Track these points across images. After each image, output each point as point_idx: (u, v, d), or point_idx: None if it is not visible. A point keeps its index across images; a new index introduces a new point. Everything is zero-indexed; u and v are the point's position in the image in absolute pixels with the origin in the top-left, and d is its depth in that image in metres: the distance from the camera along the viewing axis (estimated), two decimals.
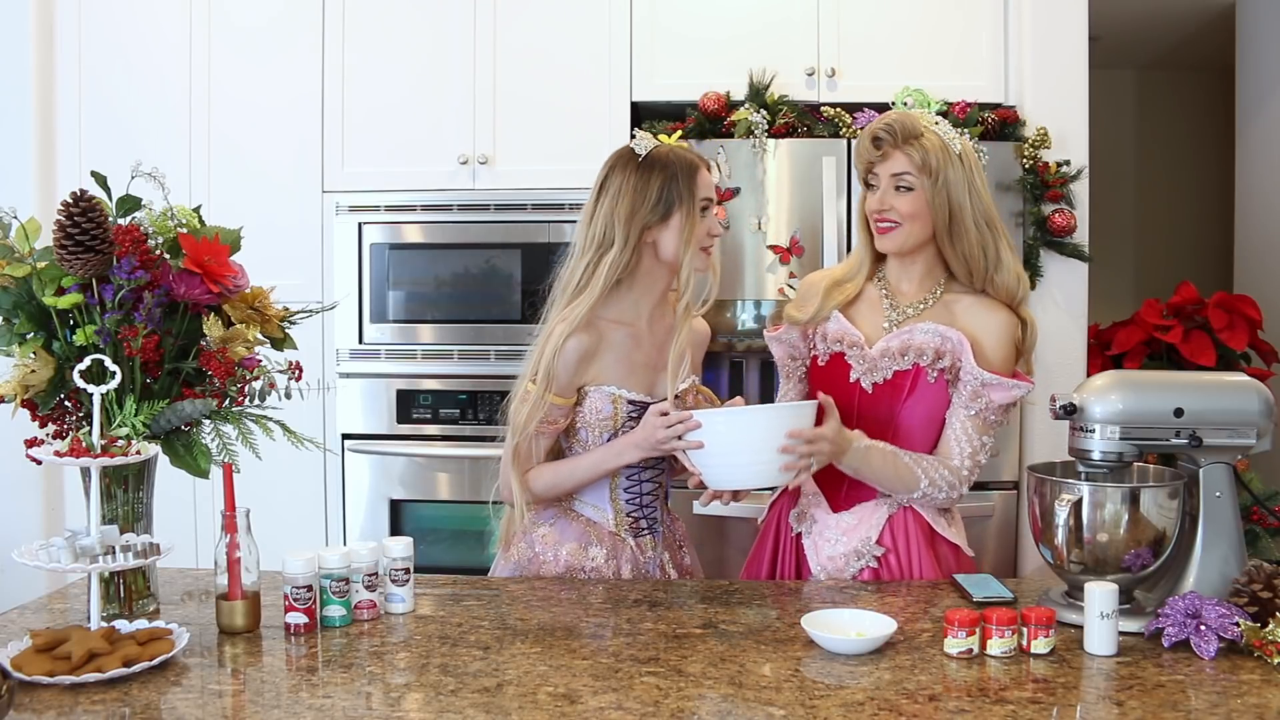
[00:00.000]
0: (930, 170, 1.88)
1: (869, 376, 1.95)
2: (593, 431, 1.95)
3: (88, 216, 1.63)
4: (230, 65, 3.40)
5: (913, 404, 1.94)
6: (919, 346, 1.92)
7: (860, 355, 1.96)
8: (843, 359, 1.98)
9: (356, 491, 3.38)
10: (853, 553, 1.94)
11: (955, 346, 1.92)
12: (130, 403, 1.64)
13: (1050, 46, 3.24)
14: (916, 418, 1.94)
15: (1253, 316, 3.56)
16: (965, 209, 1.90)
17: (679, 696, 1.35)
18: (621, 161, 1.95)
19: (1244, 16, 4.23)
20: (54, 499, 3.41)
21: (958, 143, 1.92)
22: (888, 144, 1.90)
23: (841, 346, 1.98)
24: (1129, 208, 5.37)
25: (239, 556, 1.59)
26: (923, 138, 1.89)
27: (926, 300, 1.98)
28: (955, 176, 1.89)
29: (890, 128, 1.91)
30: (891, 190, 1.91)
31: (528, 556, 1.99)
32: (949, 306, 1.96)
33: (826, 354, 2.00)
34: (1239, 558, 1.62)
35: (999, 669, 1.44)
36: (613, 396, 1.93)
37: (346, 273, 3.36)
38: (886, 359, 1.94)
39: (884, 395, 1.94)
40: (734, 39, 3.33)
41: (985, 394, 1.90)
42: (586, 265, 1.92)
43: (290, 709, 1.33)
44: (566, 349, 1.89)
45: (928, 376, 1.92)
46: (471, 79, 3.36)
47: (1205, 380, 1.72)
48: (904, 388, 1.93)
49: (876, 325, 1.99)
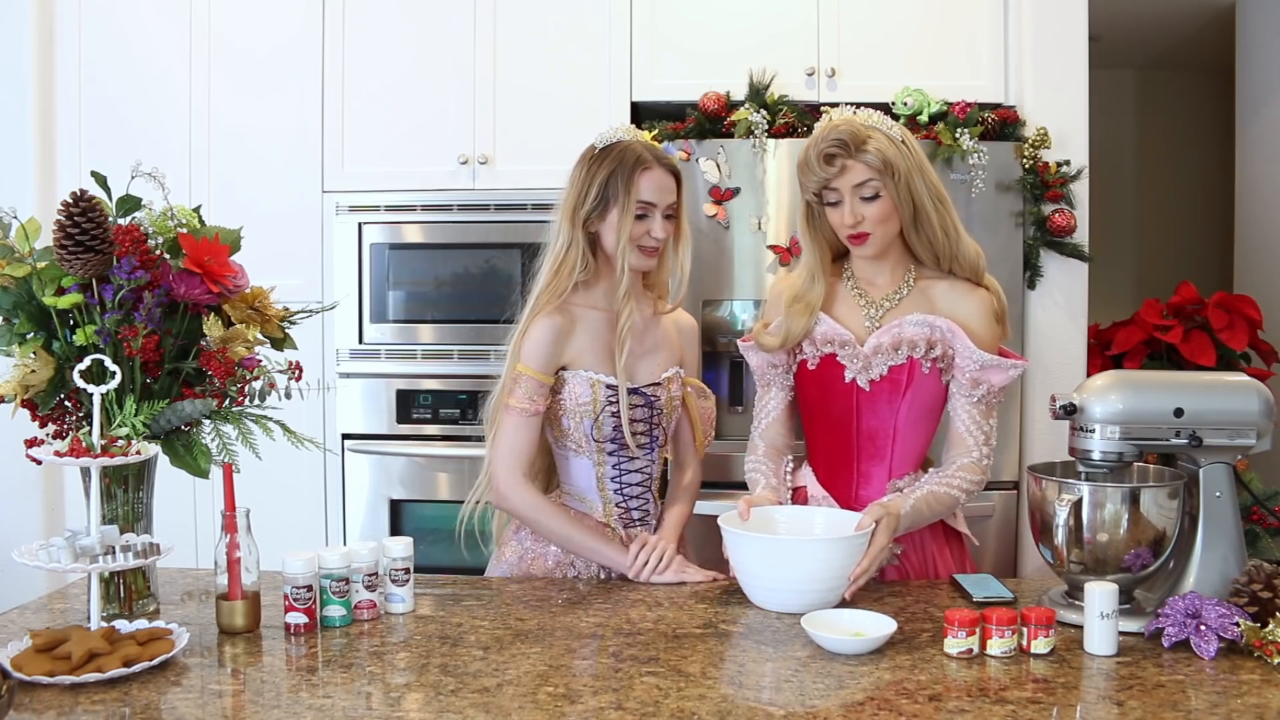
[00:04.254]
0: (890, 168, 1.86)
1: (864, 375, 1.94)
2: (573, 418, 1.95)
3: (88, 216, 1.63)
4: (230, 65, 3.40)
5: (911, 397, 1.93)
6: (911, 339, 1.92)
7: (853, 354, 1.95)
8: (835, 360, 1.96)
9: (356, 491, 3.38)
10: None
11: (945, 334, 1.92)
12: (130, 403, 1.64)
13: (1050, 46, 3.24)
14: (916, 410, 1.95)
15: (1253, 316, 3.56)
16: (923, 194, 1.89)
17: (679, 696, 1.35)
18: (582, 155, 2.00)
19: (1244, 16, 4.23)
20: (54, 499, 3.41)
21: (896, 129, 1.90)
22: (842, 157, 1.86)
23: (833, 347, 1.96)
24: (1129, 208, 5.37)
25: (239, 556, 1.59)
26: (870, 139, 1.86)
27: (900, 290, 1.97)
28: (909, 165, 1.87)
29: (840, 141, 1.85)
30: (858, 201, 1.88)
31: (518, 555, 2.00)
32: (925, 293, 1.96)
33: (816, 357, 1.98)
34: (1239, 558, 1.62)
35: (999, 669, 1.44)
36: (591, 381, 1.94)
37: (346, 273, 3.36)
38: (880, 355, 1.93)
39: (882, 392, 1.94)
40: (734, 39, 3.33)
41: (985, 379, 1.91)
42: (554, 254, 1.97)
43: (290, 709, 1.33)
44: (535, 328, 1.92)
45: (922, 368, 1.92)
46: (471, 78, 3.36)
47: (1205, 380, 1.72)
48: (901, 382, 1.93)
49: (858, 323, 1.97)
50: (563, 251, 1.96)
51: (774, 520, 1.85)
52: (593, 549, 1.93)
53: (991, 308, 1.95)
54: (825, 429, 2.00)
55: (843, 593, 1.70)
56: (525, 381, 1.92)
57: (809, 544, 1.74)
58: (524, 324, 1.95)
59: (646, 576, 1.88)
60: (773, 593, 1.70)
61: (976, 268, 1.96)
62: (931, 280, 1.97)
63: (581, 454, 1.98)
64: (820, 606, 1.64)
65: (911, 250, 1.97)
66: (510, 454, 1.93)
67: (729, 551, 1.75)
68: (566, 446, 1.99)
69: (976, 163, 3.09)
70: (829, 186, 1.89)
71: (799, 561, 1.67)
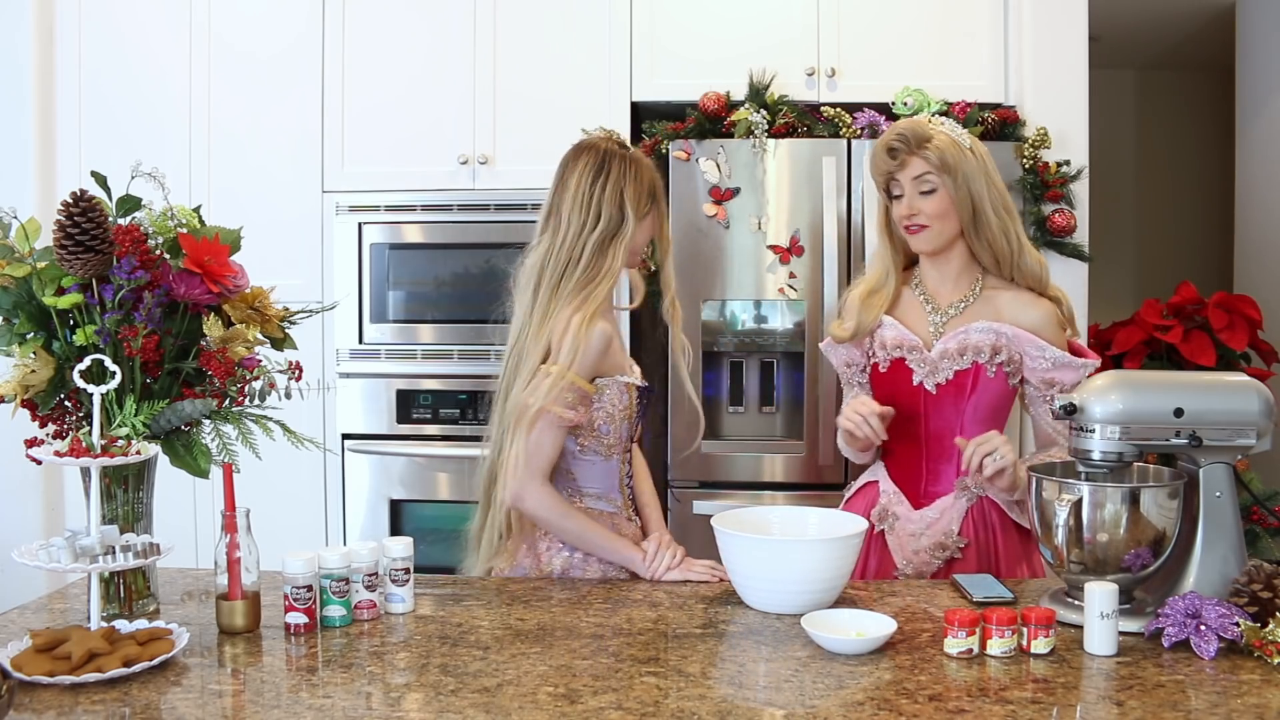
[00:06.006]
0: (948, 167, 1.96)
1: (931, 378, 2.02)
2: (613, 423, 1.94)
3: (88, 216, 1.62)
4: (230, 65, 3.40)
5: (976, 399, 2.01)
6: (976, 345, 2.00)
7: (921, 359, 2.03)
8: (904, 364, 2.05)
9: (356, 491, 3.38)
10: (937, 546, 2.00)
11: (1010, 340, 2.00)
12: (130, 403, 1.64)
13: (1050, 46, 3.24)
14: (982, 411, 2.02)
15: (1253, 316, 3.56)
16: (984, 198, 1.98)
17: (679, 696, 1.35)
18: (614, 148, 1.96)
19: (1244, 16, 4.23)
20: (54, 499, 3.41)
21: (966, 137, 2.01)
22: (903, 152, 1.98)
23: (901, 352, 2.05)
24: (1129, 208, 5.37)
25: (239, 556, 1.59)
26: (933, 139, 1.97)
27: (967, 298, 2.05)
28: (971, 169, 1.97)
29: (903, 136, 1.98)
30: (916, 195, 1.99)
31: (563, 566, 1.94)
32: (990, 302, 2.04)
33: (887, 360, 2.06)
34: (1239, 558, 1.62)
35: (999, 669, 1.44)
36: (625, 385, 1.95)
37: (346, 273, 3.36)
38: (946, 360, 2.01)
39: (948, 395, 2.02)
40: (734, 39, 3.33)
41: (1058, 379, 1.98)
42: (593, 245, 1.90)
43: (290, 709, 1.33)
44: (595, 337, 1.87)
45: (987, 372, 2.00)
46: (471, 78, 3.36)
47: (1205, 380, 1.72)
48: (966, 386, 2.01)
49: (924, 329, 2.06)
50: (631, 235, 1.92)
51: (767, 521, 1.86)
52: (611, 548, 1.92)
53: (1057, 316, 2.03)
54: (896, 428, 2.05)
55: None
56: (576, 390, 1.87)
57: (803, 544, 1.74)
58: (577, 327, 1.85)
59: (661, 574, 1.89)
60: (768, 594, 1.69)
61: (1040, 278, 2.04)
62: (997, 290, 2.05)
63: (611, 456, 1.97)
64: (815, 607, 1.63)
65: (976, 257, 2.05)
66: (537, 456, 1.88)
67: (723, 553, 1.76)
68: (595, 451, 1.95)
69: None
70: (894, 179, 2.01)
71: (793, 562, 1.67)
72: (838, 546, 1.68)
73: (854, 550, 1.71)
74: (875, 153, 2.03)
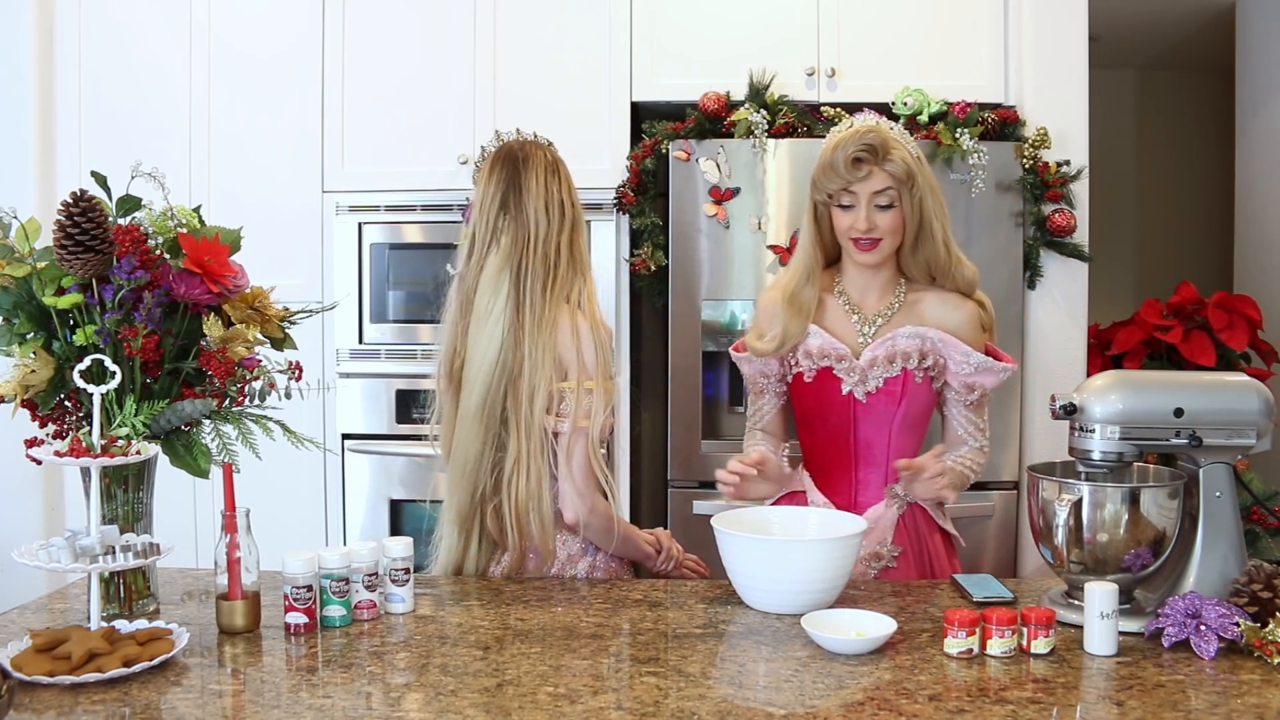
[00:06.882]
0: (910, 180, 1.92)
1: (861, 387, 2.00)
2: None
3: (88, 216, 1.62)
4: (230, 65, 3.40)
5: (906, 406, 2.01)
6: (904, 351, 1.98)
7: (849, 367, 2.00)
8: (831, 373, 2.01)
9: (356, 491, 3.38)
10: (872, 556, 2.00)
11: (936, 344, 1.99)
12: (130, 403, 1.64)
13: (1050, 46, 3.25)
14: (910, 418, 2.02)
15: (1253, 316, 3.56)
16: (932, 213, 1.96)
17: (679, 696, 1.35)
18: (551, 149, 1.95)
19: (1244, 16, 4.23)
20: (54, 499, 3.41)
21: (914, 146, 1.97)
22: (870, 163, 1.92)
23: (829, 361, 2.01)
24: (1129, 208, 5.37)
25: (239, 556, 1.59)
26: (894, 150, 1.92)
27: (893, 305, 2.03)
28: (924, 182, 1.94)
29: (870, 146, 1.91)
30: (873, 209, 1.94)
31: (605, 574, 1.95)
32: (914, 307, 2.03)
33: (813, 370, 2.02)
34: (1239, 558, 1.62)
35: (999, 669, 1.44)
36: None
37: (346, 273, 3.36)
38: (876, 368, 1.99)
39: (879, 403, 2.00)
40: (734, 39, 3.33)
41: (979, 383, 2.00)
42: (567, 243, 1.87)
43: (290, 709, 1.33)
44: (607, 335, 1.88)
45: (915, 378, 1.99)
46: (471, 78, 3.36)
47: (1205, 380, 1.72)
48: (897, 393, 2.00)
49: (851, 336, 2.03)
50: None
51: (767, 521, 1.85)
52: (638, 547, 1.96)
53: (979, 319, 2.03)
54: (823, 439, 2.05)
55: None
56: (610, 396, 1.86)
57: (803, 544, 1.74)
58: (589, 333, 1.83)
59: (670, 567, 1.98)
60: (768, 594, 1.69)
61: (974, 286, 2.04)
62: (920, 293, 2.04)
63: None
64: (815, 607, 1.63)
65: (902, 268, 2.04)
66: (593, 469, 1.85)
67: (723, 553, 1.75)
68: None
69: (976, 163, 3.09)
70: (848, 190, 1.93)
71: (793, 562, 1.67)
72: (838, 546, 1.68)
73: (854, 550, 1.70)
74: (834, 162, 1.92)
